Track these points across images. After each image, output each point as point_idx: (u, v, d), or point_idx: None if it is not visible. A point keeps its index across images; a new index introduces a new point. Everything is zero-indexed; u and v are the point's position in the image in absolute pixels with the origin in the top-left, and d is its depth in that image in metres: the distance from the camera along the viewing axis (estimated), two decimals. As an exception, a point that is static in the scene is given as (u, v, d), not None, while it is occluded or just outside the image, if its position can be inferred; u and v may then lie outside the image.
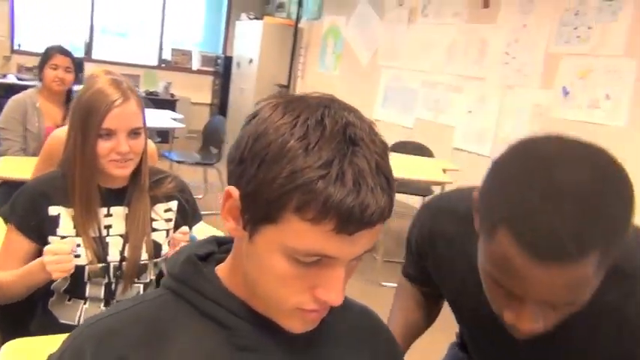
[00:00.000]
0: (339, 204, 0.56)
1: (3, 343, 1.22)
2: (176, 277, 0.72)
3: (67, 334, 0.73)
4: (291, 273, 0.62)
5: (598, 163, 0.71)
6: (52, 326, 1.44)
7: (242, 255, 0.67)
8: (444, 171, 4.06)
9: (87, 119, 1.37)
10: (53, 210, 1.42)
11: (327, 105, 0.62)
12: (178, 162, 4.38)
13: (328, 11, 7.16)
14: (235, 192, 0.63)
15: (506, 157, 0.76)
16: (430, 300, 1.26)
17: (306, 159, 0.57)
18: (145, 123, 1.46)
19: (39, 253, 1.33)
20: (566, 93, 4.37)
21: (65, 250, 1.27)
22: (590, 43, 4.21)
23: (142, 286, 1.53)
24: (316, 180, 0.57)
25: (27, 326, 1.51)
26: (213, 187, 4.86)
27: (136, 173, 1.48)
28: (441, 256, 1.05)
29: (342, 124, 0.60)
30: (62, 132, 2.22)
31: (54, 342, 0.72)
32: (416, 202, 4.69)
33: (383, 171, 0.60)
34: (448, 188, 4.11)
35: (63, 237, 1.41)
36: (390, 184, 0.61)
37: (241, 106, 7.64)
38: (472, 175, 4.90)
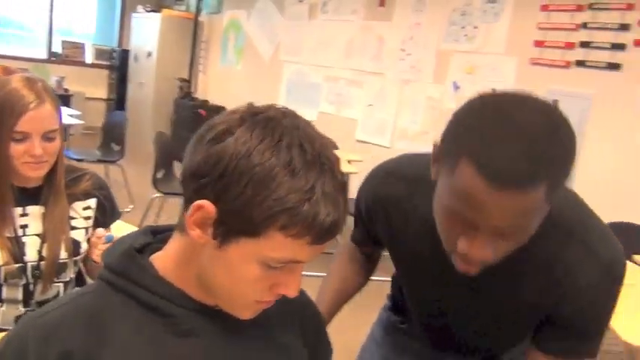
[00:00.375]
0: (320, 223, 0.65)
1: None
2: (113, 269, 0.75)
3: None
4: (260, 276, 0.69)
5: (551, 112, 0.82)
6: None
7: (198, 257, 0.72)
8: (349, 162, 4.26)
9: None
10: None
11: (297, 126, 0.69)
12: (78, 160, 4.21)
13: (228, 5, 7.13)
14: (209, 206, 0.66)
15: (467, 106, 0.86)
16: (369, 259, 1.37)
17: (293, 184, 0.64)
18: (61, 123, 1.45)
19: None
20: (456, 87, 4.71)
21: None
22: (476, 41, 4.57)
23: (61, 285, 1.52)
24: (301, 204, 0.64)
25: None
26: (116, 184, 4.72)
27: (52, 172, 1.46)
28: (391, 216, 1.13)
29: (319, 148, 0.68)
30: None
31: None
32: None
33: (345, 187, 0.70)
34: (354, 178, 4.32)
35: None
36: (347, 197, 0.71)
37: (141, 100, 7.41)
38: (375, 165, 5.16)
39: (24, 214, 1.45)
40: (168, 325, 0.73)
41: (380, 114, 5.32)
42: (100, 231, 1.48)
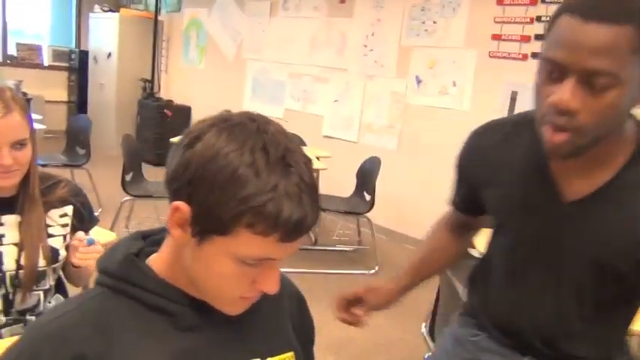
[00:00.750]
0: (285, 221, 0.68)
1: None
2: (114, 274, 0.80)
3: None
4: (236, 273, 0.74)
5: None
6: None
7: (184, 256, 0.77)
8: (317, 158, 4.31)
9: None
10: None
11: (265, 130, 0.73)
12: (43, 165, 4.13)
13: (188, 3, 7.07)
14: (184, 207, 0.71)
15: None
16: (467, 229, 1.39)
17: (256, 184, 0.68)
18: (32, 130, 1.45)
19: None
20: (418, 81, 4.82)
21: None
22: (436, 36, 4.68)
23: (41, 293, 1.52)
24: (265, 202, 0.68)
25: None
26: (83, 188, 4.65)
27: (26, 181, 1.46)
28: (489, 159, 1.18)
29: (282, 150, 0.71)
30: None
31: None
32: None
33: (313, 186, 0.73)
34: (323, 174, 4.37)
35: None
36: (317, 196, 0.75)
37: (103, 102, 7.28)
38: (343, 160, 5.16)
39: (0, 224, 1.45)
40: (170, 323, 0.78)
41: (345, 109, 5.39)
42: (81, 234, 1.50)
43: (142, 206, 4.21)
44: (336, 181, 4.48)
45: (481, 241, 2.58)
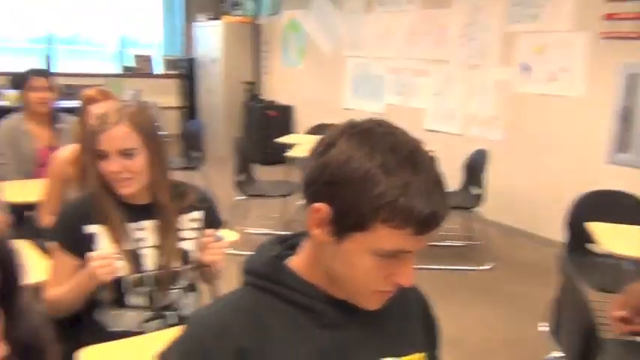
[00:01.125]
0: (418, 215, 0.75)
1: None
2: (260, 274, 0.87)
3: (121, 339, 0.84)
4: (374, 266, 0.79)
5: None
6: (102, 334, 1.56)
7: (323, 255, 0.83)
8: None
9: (89, 143, 1.55)
10: (90, 229, 1.55)
11: (392, 132, 0.79)
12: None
13: (286, 6, 7.26)
14: (324, 207, 0.78)
15: None
16: None
17: (388, 182, 0.74)
18: (149, 142, 1.56)
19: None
20: (525, 69, 4.62)
21: (107, 254, 1.43)
22: (542, 19, 4.46)
23: (178, 291, 1.66)
24: (398, 197, 0.74)
25: (76, 337, 1.63)
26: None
27: (156, 188, 1.61)
28: None
29: (409, 150, 0.77)
30: (64, 152, 2.33)
31: (122, 347, 0.79)
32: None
33: (440, 182, 0.79)
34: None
35: None
36: (444, 192, 0.79)
37: (211, 106, 7.69)
38: (447, 153, 5.11)
39: (139, 229, 1.61)
40: (313, 320, 0.84)
41: (448, 102, 5.29)
42: (209, 231, 1.63)
43: (254, 205, 4.41)
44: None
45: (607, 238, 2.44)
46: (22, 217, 2.50)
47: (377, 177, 0.74)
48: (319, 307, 0.85)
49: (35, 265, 1.79)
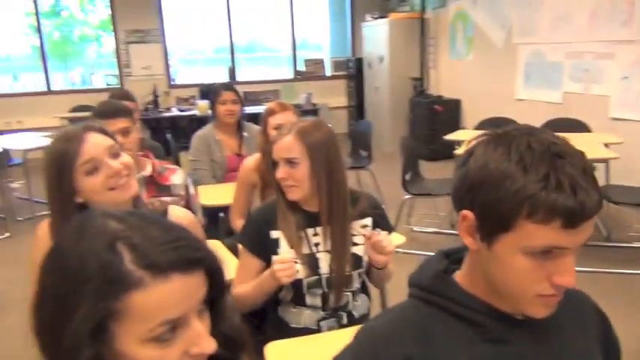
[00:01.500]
0: (562, 206, 0.73)
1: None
2: (426, 288, 0.90)
3: (300, 337, 0.91)
4: (530, 267, 0.77)
5: None
6: (285, 329, 1.73)
7: (480, 263, 0.84)
8: (606, 145, 3.90)
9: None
10: (274, 234, 1.71)
11: (529, 132, 0.79)
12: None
13: (452, -3, 7.08)
14: (469, 214, 0.80)
15: None
16: None
17: (526, 177, 0.74)
18: (314, 154, 1.67)
19: (267, 269, 1.63)
20: None
21: (289, 259, 1.56)
22: None
23: (350, 294, 1.76)
24: (539, 191, 0.73)
25: (263, 330, 1.82)
26: (367, 188, 5.10)
27: (330, 196, 1.71)
28: None
29: (547, 144, 0.76)
30: (250, 161, 2.58)
31: (302, 344, 0.86)
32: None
33: (589, 173, 0.76)
34: (614, 163, 3.93)
35: None
36: (596, 183, 0.76)
37: (378, 104, 7.82)
38: (634, 145, 4.52)
39: (316, 234, 1.73)
40: (477, 334, 0.85)
41: (638, 86, 4.73)
42: (377, 232, 1.67)
43: (421, 204, 4.41)
44: (629, 169, 3.99)
45: None
46: (215, 218, 2.81)
47: (514, 174, 0.74)
48: (480, 320, 0.85)
49: (227, 263, 2.01)
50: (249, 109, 5.02)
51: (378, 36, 7.65)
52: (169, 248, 0.67)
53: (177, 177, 2.29)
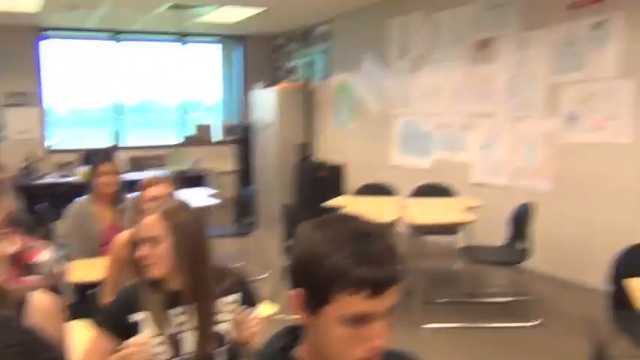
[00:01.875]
0: (368, 278, 0.85)
1: None
2: None
3: None
4: (347, 334, 0.88)
5: None
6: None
7: (312, 337, 0.93)
8: (468, 208, 4.26)
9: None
10: (136, 316, 1.70)
11: (343, 218, 0.93)
12: (220, 236, 4.59)
13: (336, 70, 7.53)
14: (299, 291, 0.90)
15: None
16: None
17: (338, 254, 0.86)
18: (173, 232, 1.70)
19: None
20: (571, 118, 4.58)
21: (143, 340, 1.53)
22: (587, 69, 4.44)
23: (214, 372, 1.77)
24: (349, 266, 0.85)
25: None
26: (251, 255, 5.10)
27: (196, 275, 1.74)
28: None
29: (355, 226, 0.90)
30: (123, 236, 2.54)
31: None
32: (446, 241, 4.89)
33: (391, 248, 0.89)
34: (475, 226, 4.29)
35: None
36: (396, 256, 0.90)
37: (265, 169, 7.97)
38: (495, 206, 4.98)
39: (181, 313, 1.74)
40: None
41: (495, 154, 5.28)
42: (240, 309, 1.72)
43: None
44: (488, 228, 4.38)
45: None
46: (84, 295, 2.70)
47: (329, 253, 0.86)
48: None
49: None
50: (133, 176, 4.92)
51: (266, 103, 7.90)
52: (16, 351, 0.70)
53: (43, 255, 2.21)
